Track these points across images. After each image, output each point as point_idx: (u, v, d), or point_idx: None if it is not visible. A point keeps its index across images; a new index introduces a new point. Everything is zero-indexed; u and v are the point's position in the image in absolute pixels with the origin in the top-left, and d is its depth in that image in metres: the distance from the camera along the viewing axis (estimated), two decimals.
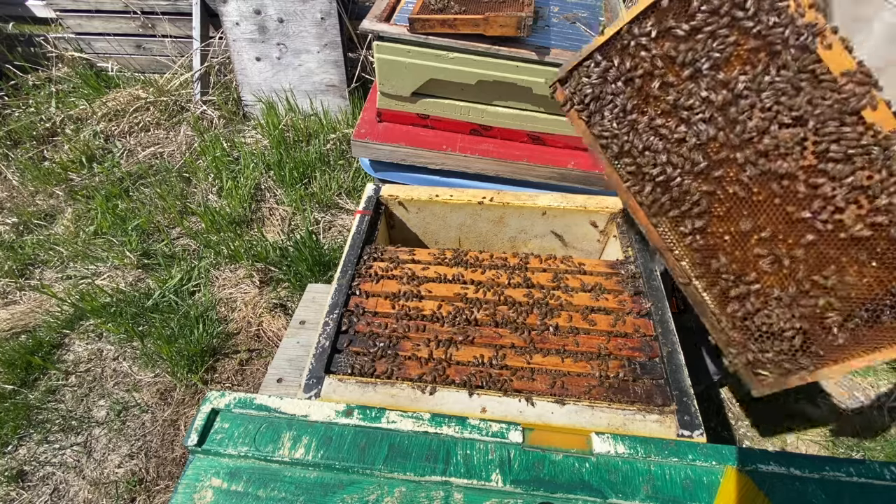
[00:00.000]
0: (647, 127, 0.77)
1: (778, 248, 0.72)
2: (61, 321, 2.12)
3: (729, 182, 0.73)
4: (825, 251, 0.68)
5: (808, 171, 0.67)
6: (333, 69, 2.98)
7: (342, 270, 1.12)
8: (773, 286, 0.73)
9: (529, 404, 0.88)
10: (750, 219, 0.73)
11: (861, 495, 0.74)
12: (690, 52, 0.71)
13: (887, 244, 0.64)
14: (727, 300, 0.77)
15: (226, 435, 0.78)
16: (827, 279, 0.68)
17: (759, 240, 0.73)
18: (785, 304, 0.72)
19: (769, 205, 0.71)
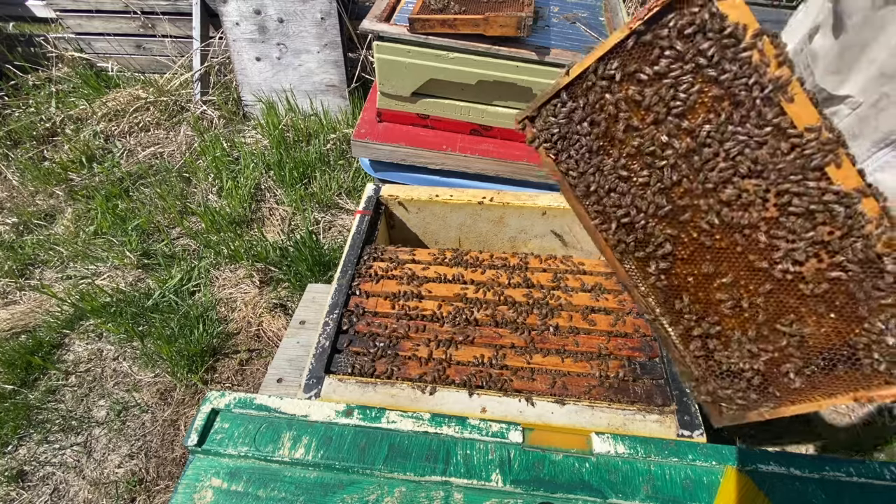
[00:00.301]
0: (612, 169, 0.77)
1: (739, 294, 0.73)
2: (61, 321, 2.12)
3: (693, 227, 0.74)
4: (785, 300, 0.70)
5: (769, 222, 0.68)
6: (333, 69, 2.98)
7: (342, 270, 1.12)
8: (734, 328, 0.75)
9: (529, 404, 0.88)
10: (713, 263, 0.74)
11: (861, 495, 0.74)
12: (655, 96, 0.71)
13: (846, 298, 0.66)
14: (690, 338, 0.79)
15: (226, 435, 0.78)
16: (786, 327, 0.70)
17: (721, 284, 0.74)
18: (745, 347, 0.74)
19: (731, 251, 0.72)
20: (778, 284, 0.70)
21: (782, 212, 0.67)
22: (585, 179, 0.81)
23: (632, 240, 0.79)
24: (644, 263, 0.80)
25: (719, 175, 0.70)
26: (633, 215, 0.78)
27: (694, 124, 0.70)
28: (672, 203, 0.75)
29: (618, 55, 0.73)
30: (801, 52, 1.12)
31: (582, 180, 0.82)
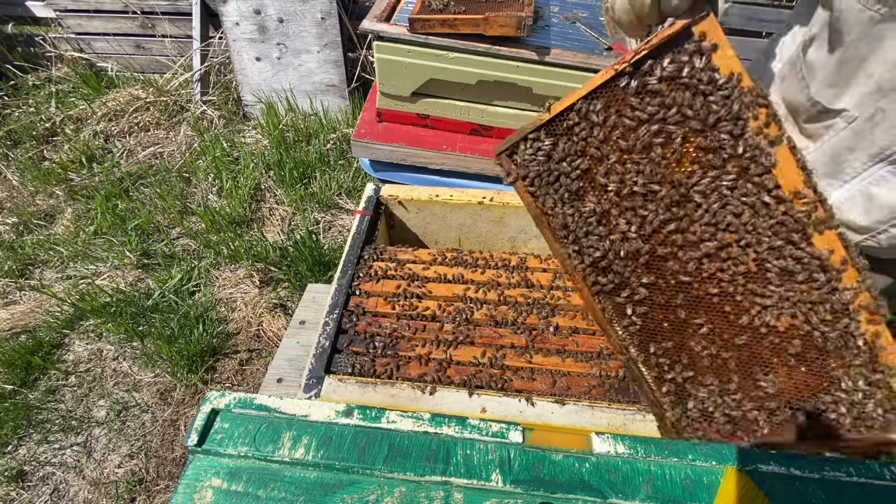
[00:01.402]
0: (591, 212, 0.76)
1: (713, 343, 0.74)
2: (61, 321, 2.12)
3: (671, 276, 0.74)
4: (758, 352, 0.71)
5: (747, 277, 0.69)
6: (333, 69, 2.98)
7: (342, 270, 1.12)
8: (707, 375, 0.76)
9: (529, 404, 0.88)
10: (688, 311, 0.74)
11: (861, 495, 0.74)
12: (638, 142, 0.69)
13: (817, 354, 0.68)
14: (663, 381, 0.80)
15: (226, 435, 0.78)
16: (758, 378, 0.72)
17: (697, 332, 0.74)
18: (716, 394, 0.77)
19: (707, 302, 0.73)
20: (752, 336, 0.71)
21: (761, 268, 0.67)
22: (563, 220, 0.79)
23: (608, 282, 0.79)
24: (621, 306, 0.79)
25: (702, 228, 0.69)
26: (611, 258, 0.77)
27: (679, 175, 0.69)
28: (650, 254, 0.74)
29: (602, 96, 0.70)
30: (794, 63, 1.11)
31: (560, 220, 0.80)
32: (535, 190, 0.80)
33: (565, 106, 0.72)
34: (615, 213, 0.75)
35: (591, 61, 1.40)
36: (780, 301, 0.68)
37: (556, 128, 0.75)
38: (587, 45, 1.49)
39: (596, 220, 0.76)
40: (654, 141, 0.68)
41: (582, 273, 0.81)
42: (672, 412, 0.80)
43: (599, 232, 0.77)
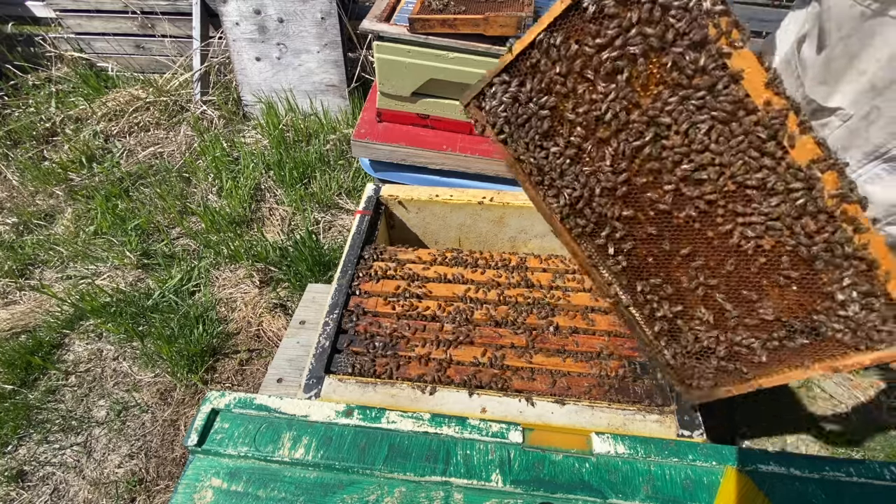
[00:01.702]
0: (563, 151, 0.75)
1: (701, 273, 0.72)
2: (61, 321, 2.12)
3: (649, 206, 0.72)
4: (747, 276, 0.69)
5: (727, 197, 0.67)
6: (333, 69, 2.98)
7: (342, 270, 1.12)
8: (698, 307, 0.74)
9: (529, 404, 0.88)
10: (671, 243, 0.73)
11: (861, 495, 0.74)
12: (602, 70, 0.67)
13: (806, 270, 0.65)
14: (654, 319, 0.79)
15: (226, 435, 0.78)
16: (752, 303, 0.70)
17: (682, 263, 0.73)
18: (710, 325, 0.74)
19: (690, 229, 0.70)
20: (738, 259, 0.69)
21: (739, 186, 0.65)
22: (537, 163, 0.77)
23: (587, 222, 0.78)
24: (603, 246, 0.78)
25: (675, 152, 0.67)
26: (588, 197, 0.75)
27: (646, 100, 0.67)
28: (626, 184, 0.72)
29: (562, 28, 0.67)
30: (790, 61, 1.10)
31: (534, 164, 0.78)
32: (506, 136, 0.79)
33: (527, 43, 0.70)
34: (587, 147, 0.73)
35: None
36: (763, 217, 0.65)
37: (520, 67, 0.73)
38: None
39: (569, 158, 0.75)
40: (617, 66, 0.66)
41: (561, 217, 0.80)
42: (669, 351, 0.79)
43: (574, 171, 0.75)
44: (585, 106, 0.70)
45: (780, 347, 0.70)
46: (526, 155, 0.79)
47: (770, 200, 0.64)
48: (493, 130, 0.80)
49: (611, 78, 0.67)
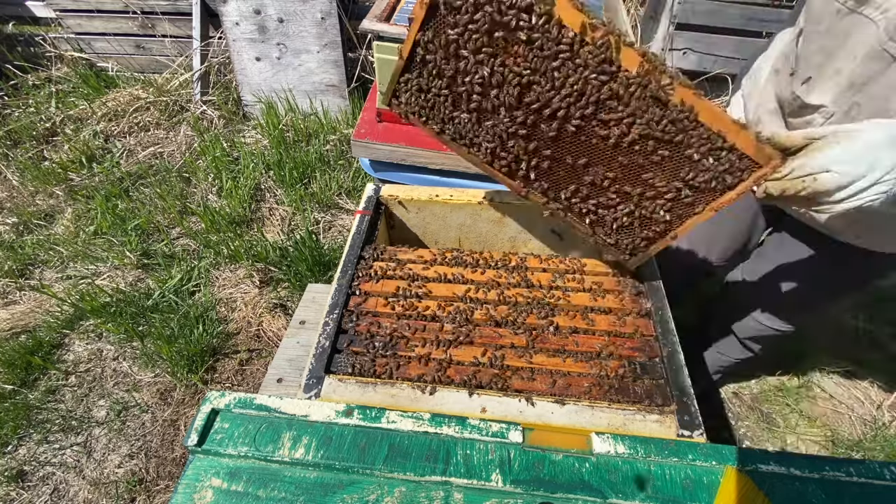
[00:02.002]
0: (469, 117, 0.95)
1: (601, 171, 0.93)
2: (61, 321, 2.12)
3: (546, 137, 0.92)
4: (634, 162, 0.90)
5: (594, 112, 0.86)
6: (333, 69, 2.98)
7: (342, 270, 1.12)
8: (609, 196, 0.96)
9: (529, 404, 0.88)
10: (573, 158, 0.94)
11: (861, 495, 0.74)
12: (470, 49, 0.86)
13: (669, 145, 0.85)
14: (583, 215, 1.01)
15: (226, 435, 0.78)
16: (644, 181, 0.92)
17: (585, 169, 0.94)
18: (622, 206, 0.96)
19: (579, 143, 0.91)
20: (623, 153, 0.89)
21: (599, 100, 0.84)
22: (455, 131, 0.99)
23: (507, 162, 0.98)
24: (525, 175, 0.99)
25: (546, 92, 0.86)
26: (501, 143, 0.96)
27: (510, 60, 0.85)
28: (524, 123, 0.91)
29: (430, 26, 0.87)
30: (788, 56, 1.10)
31: (453, 132, 0.99)
32: (425, 119, 1.00)
33: (409, 46, 0.90)
34: (486, 107, 0.92)
35: None
36: (623, 117, 0.85)
37: (413, 65, 0.93)
38: None
39: (475, 120, 0.95)
40: (479, 44, 0.85)
41: (488, 163, 1.01)
42: (603, 234, 1.02)
43: (484, 128, 0.95)
44: (470, 76, 0.89)
45: (676, 205, 0.92)
46: (445, 127, 0.99)
47: (623, 103, 0.83)
48: (415, 117, 1.00)
49: (479, 53, 0.86)
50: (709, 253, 1.54)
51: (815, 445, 1.90)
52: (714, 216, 0.89)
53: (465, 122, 0.96)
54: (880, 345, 2.20)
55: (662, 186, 0.90)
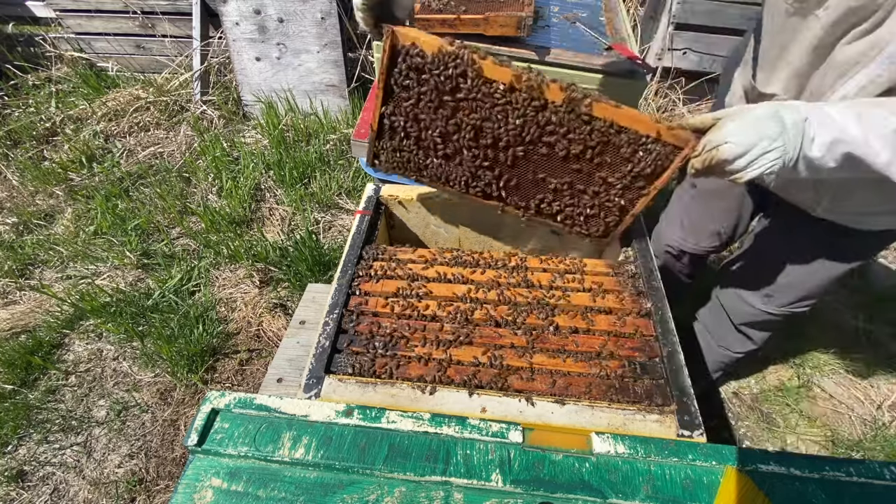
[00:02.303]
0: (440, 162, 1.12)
1: (559, 178, 1.09)
2: (61, 321, 2.12)
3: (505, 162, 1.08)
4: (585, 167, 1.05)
5: (537, 137, 1.01)
6: (333, 69, 2.98)
7: (342, 270, 1.12)
8: (570, 196, 1.12)
9: (529, 404, 0.88)
10: (532, 173, 1.09)
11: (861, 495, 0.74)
12: (426, 111, 1.04)
13: (607, 147, 1.00)
14: (555, 215, 1.16)
15: (226, 435, 0.78)
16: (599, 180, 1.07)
17: (545, 180, 1.09)
18: (584, 202, 1.11)
19: (532, 162, 1.07)
20: (573, 162, 1.04)
21: (540, 127, 1.00)
22: (431, 175, 1.15)
23: (481, 189, 1.14)
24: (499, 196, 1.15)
25: (493, 130, 1.02)
26: (471, 175, 1.12)
27: (461, 114, 1.02)
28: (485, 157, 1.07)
29: (390, 101, 1.05)
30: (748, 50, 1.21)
31: (430, 176, 1.16)
32: (403, 171, 1.17)
33: (377, 119, 1.08)
34: (450, 151, 1.09)
35: (591, 61, 1.40)
36: (561, 136, 1.00)
37: (382, 132, 1.10)
38: (587, 45, 1.49)
39: (445, 163, 1.12)
40: (433, 106, 1.01)
41: (464, 193, 1.16)
42: (576, 226, 1.18)
43: (453, 167, 1.11)
44: (432, 131, 1.06)
45: (627, 192, 1.07)
46: (422, 173, 1.16)
47: (559, 126, 0.99)
48: (395, 171, 1.18)
49: (435, 112, 1.03)
50: (699, 239, 1.61)
51: (815, 445, 1.90)
52: (656, 194, 1.06)
53: (437, 166, 1.13)
54: (880, 345, 2.20)
55: (613, 181, 1.05)
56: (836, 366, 2.11)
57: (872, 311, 2.31)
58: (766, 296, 1.45)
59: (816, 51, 0.96)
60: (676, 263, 1.75)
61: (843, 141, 0.81)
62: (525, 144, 1.04)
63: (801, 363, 2.12)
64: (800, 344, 2.17)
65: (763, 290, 1.45)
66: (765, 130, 0.83)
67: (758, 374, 2.11)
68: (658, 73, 3.03)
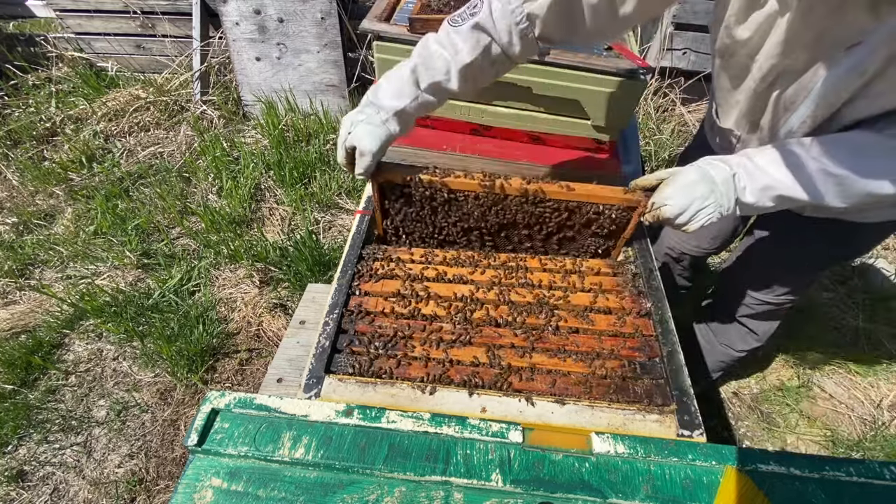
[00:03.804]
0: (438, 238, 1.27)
1: (540, 240, 1.24)
2: (61, 321, 2.12)
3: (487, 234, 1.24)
4: (562, 235, 1.23)
5: (512, 222, 1.19)
6: (333, 69, 2.98)
7: (342, 270, 1.12)
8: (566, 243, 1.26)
9: (529, 404, 0.88)
10: (515, 239, 1.25)
11: (861, 495, 0.74)
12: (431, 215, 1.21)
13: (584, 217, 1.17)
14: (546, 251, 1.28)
15: (226, 435, 0.78)
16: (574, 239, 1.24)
17: (529, 239, 1.25)
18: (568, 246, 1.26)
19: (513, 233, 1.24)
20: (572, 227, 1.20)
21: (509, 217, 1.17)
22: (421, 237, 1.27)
23: (476, 245, 1.27)
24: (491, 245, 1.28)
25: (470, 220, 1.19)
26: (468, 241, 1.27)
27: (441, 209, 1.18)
28: (473, 233, 1.23)
29: (387, 217, 1.22)
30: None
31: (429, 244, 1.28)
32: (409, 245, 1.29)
33: (382, 230, 1.25)
34: (442, 237, 1.25)
35: (590, 61, 1.40)
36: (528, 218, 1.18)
37: (388, 236, 1.28)
38: (587, 45, 1.49)
39: (440, 240, 1.26)
40: (421, 212, 1.19)
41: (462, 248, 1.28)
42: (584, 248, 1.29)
43: (448, 239, 1.26)
44: (422, 225, 1.23)
45: (604, 238, 1.22)
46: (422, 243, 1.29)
47: (523, 211, 1.16)
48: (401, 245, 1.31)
49: (421, 210, 1.19)
50: (700, 242, 1.63)
51: (815, 445, 1.90)
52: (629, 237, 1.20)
53: (435, 242, 1.29)
54: (880, 345, 2.20)
55: (584, 237, 1.22)
56: (836, 366, 2.11)
57: (872, 311, 2.31)
58: (766, 286, 1.46)
59: (756, 96, 1.02)
60: (676, 266, 1.76)
61: (772, 186, 0.91)
62: (502, 228, 1.21)
63: (801, 363, 2.12)
64: (800, 344, 2.17)
65: (763, 281, 1.46)
66: (695, 192, 0.94)
67: (758, 374, 2.11)
68: (658, 73, 3.03)
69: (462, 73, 0.99)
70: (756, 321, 1.59)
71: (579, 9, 0.93)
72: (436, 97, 1.03)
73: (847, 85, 0.83)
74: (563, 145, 1.62)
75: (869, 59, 0.78)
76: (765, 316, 1.56)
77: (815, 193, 0.89)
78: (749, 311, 1.56)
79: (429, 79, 0.99)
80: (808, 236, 1.26)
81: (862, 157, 0.86)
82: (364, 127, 0.98)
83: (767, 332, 1.60)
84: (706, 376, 1.86)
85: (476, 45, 0.97)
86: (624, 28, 1.01)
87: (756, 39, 0.93)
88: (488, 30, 0.95)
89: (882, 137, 0.85)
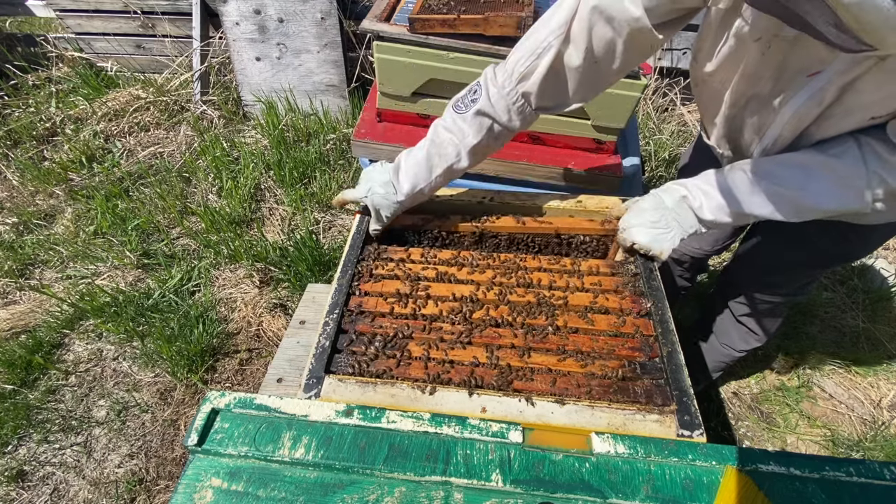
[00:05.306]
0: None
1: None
2: (61, 321, 2.12)
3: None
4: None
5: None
6: (333, 69, 2.98)
7: (342, 270, 1.12)
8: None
9: (529, 404, 0.88)
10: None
11: (861, 495, 0.74)
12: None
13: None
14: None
15: (226, 435, 0.78)
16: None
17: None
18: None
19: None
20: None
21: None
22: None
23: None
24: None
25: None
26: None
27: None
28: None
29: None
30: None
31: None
32: None
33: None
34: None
35: None
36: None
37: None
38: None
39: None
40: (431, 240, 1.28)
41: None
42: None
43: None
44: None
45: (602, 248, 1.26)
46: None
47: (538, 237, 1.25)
48: None
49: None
50: (701, 243, 1.65)
51: (815, 445, 1.90)
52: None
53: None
54: (880, 345, 2.20)
55: (580, 252, 1.28)
56: (836, 366, 2.11)
57: (872, 311, 2.31)
58: (766, 286, 1.47)
59: (731, 120, 1.08)
60: (677, 266, 1.76)
61: (727, 204, 0.97)
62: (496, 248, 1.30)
63: (801, 363, 2.12)
64: (800, 344, 2.17)
65: (764, 281, 1.47)
66: (648, 219, 1.02)
67: (758, 374, 2.11)
68: (658, 73, 3.03)
69: (471, 152, 1.11)
70: (756, 321, 1.59)
71: (567, 77, 1.03)
72: (450, 177, 1.17)
73: (808, 111, 0.89)
74: (564, 145, 1.62)
75: (827, 87, 0.83)
76: (765, 316, 1.56)
77: (768, 210, 0.95)
78: (749, 311, 1.56)
79: (443, 165, 1.12)
80: (808, 236, 1.26)
81: (809, 177, 0.92)
82: (382, 201, 1.16)
83: (768, 331, 1.60)
84: (706, 376, 1.86)
85: (480, 128, 1.08)
86: (613, 82, 1.09)
87: (723, 73, 1.00)
88: (489, 114, 1.07)
89: (826, 158, 0.90)
